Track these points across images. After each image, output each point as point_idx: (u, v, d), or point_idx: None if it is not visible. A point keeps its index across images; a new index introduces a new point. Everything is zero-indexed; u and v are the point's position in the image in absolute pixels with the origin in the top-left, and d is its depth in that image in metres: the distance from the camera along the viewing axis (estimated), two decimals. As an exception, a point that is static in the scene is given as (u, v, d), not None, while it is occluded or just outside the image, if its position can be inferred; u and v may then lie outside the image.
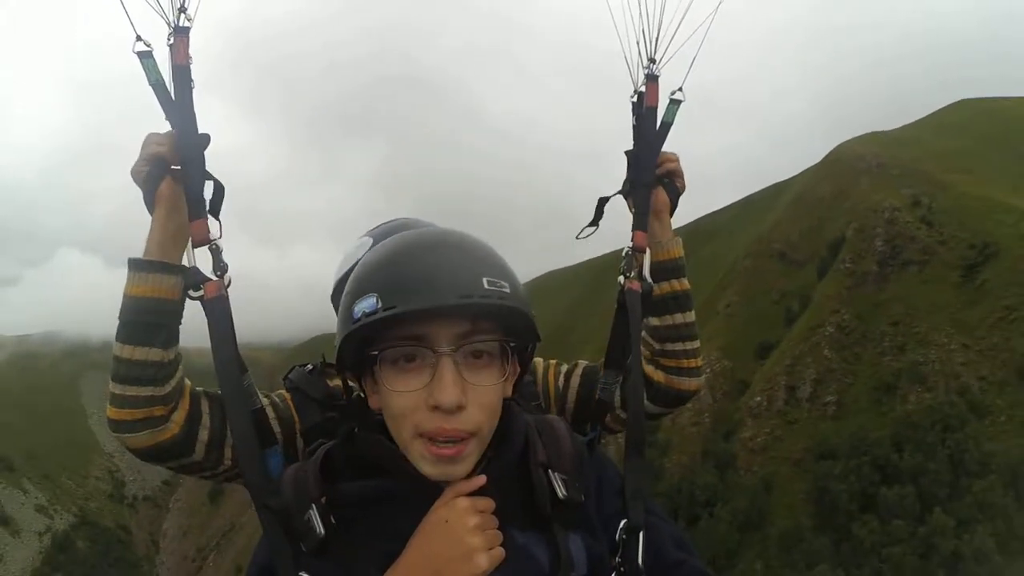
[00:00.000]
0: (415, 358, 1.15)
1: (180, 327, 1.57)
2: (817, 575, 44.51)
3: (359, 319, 1.14)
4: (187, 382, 1.63)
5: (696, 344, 1.98)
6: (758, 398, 64.22)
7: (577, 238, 2.02)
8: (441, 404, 1.11)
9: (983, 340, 55.64)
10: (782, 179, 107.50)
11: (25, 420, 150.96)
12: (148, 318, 1.52)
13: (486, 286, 1.12)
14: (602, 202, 1.97)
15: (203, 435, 1.61)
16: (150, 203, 1.57)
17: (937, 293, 60.86)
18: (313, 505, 1.19)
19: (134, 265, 1.54)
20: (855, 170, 78.92)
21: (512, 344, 1.20)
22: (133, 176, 1.58)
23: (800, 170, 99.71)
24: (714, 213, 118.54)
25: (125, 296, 1.52)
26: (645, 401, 1.89)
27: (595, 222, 1.99)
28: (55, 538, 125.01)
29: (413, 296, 1.10)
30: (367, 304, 1.13)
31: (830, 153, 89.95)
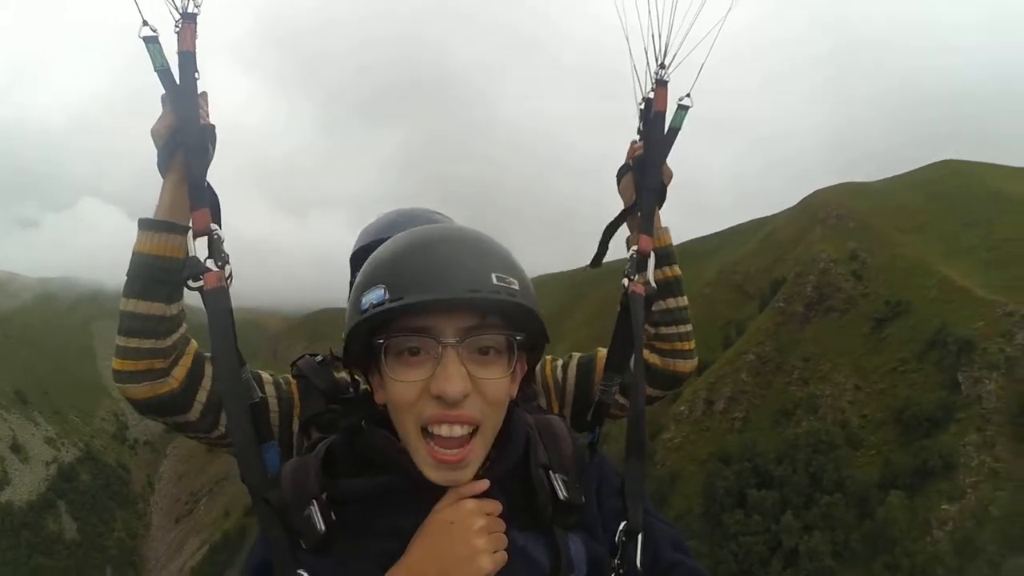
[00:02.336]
0: (420, 350, 1.11)
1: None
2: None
3: (367, 310, 1.11)
4: (194, 343, 1.66)
5: (688, 328, 1.98)
6: (683, 407, 73.24)
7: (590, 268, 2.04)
8: (445, 394, 1.08)
9: (874, 385, 63.41)
10: (770, 213, 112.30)
11: (42, 358, 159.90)
12: (153, 274, 1.55)
13: (495, 281, 1.09)
14: (607, 234, 1.96)
15: (202, 396, 1.63)
16: (163, 166, 1.58)
17: (847, 339, 68.49)
18: (314, 501, 1.16)
19: (143, 225, 1.58)
20: (816, 218, 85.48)
21: (518, 339, 1.16)
22: (152, 135, 1.58)
23: (789, 206, 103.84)
24: (699, 239, 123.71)
25: (134, 254, 1.57)
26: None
27: (598, 259, 2.02)
28: (61, 468, 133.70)
29: (421, 288, 1.07)
30: (375, 295, 1.10)
31: (805, 198, 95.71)
